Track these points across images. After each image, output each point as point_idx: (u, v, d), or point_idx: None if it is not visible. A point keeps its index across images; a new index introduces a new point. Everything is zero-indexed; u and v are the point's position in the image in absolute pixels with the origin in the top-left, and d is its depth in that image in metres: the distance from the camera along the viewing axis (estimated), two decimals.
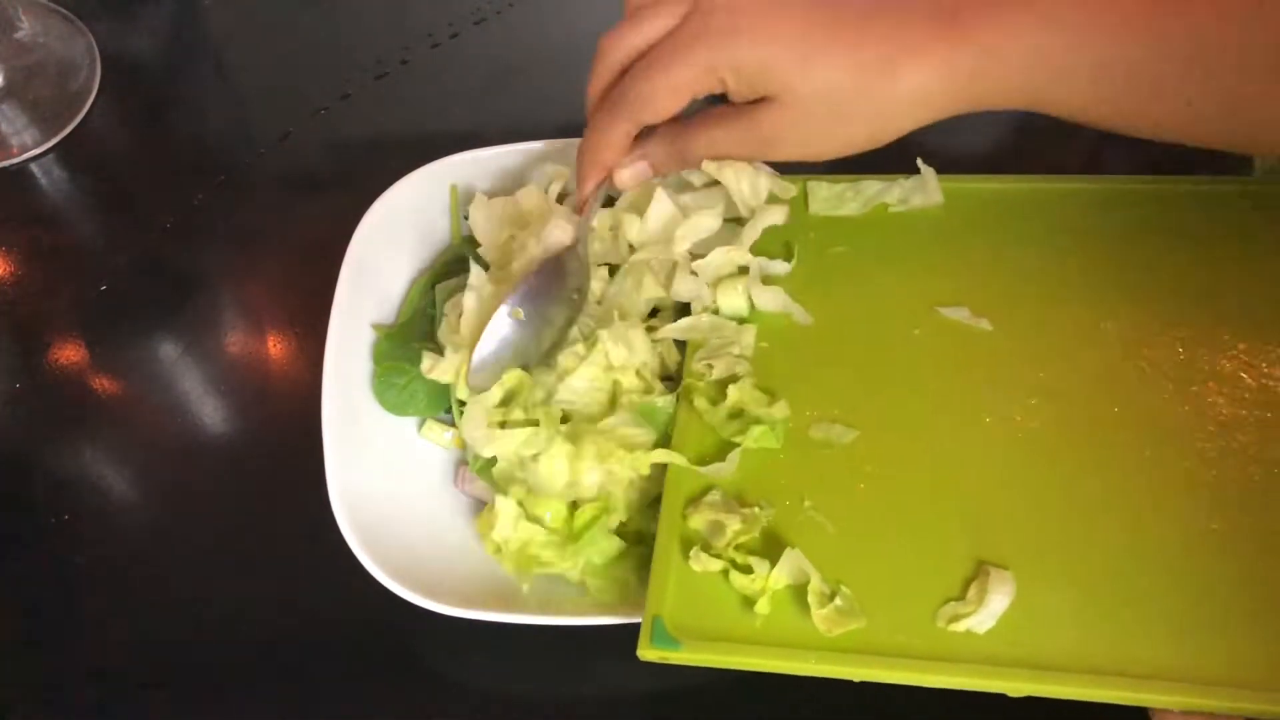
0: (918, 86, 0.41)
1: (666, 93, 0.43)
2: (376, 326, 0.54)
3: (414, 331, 0.55)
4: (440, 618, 0.46)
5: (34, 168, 0.65)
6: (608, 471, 0.48)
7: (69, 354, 0.59)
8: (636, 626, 0.44)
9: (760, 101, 0.43)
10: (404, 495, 0.52)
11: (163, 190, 0.64)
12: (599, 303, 0.53)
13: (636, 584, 0.48)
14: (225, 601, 0.52)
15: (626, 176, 0.48)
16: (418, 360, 0.53)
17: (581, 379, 0.50)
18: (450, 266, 0.57)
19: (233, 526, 0.54)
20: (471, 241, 0.58)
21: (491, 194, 0.57)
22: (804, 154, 0.45)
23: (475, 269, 0.51)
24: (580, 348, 0.51)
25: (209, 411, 0.57)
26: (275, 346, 0.60)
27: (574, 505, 0.49)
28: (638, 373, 0.50)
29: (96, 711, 0.49)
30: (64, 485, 0.55)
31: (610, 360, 0.50)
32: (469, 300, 0.51)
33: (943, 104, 0.42)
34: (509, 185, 0.58)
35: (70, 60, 0.68)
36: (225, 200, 0.64)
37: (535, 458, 0.48)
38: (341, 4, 0.73)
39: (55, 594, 0.52)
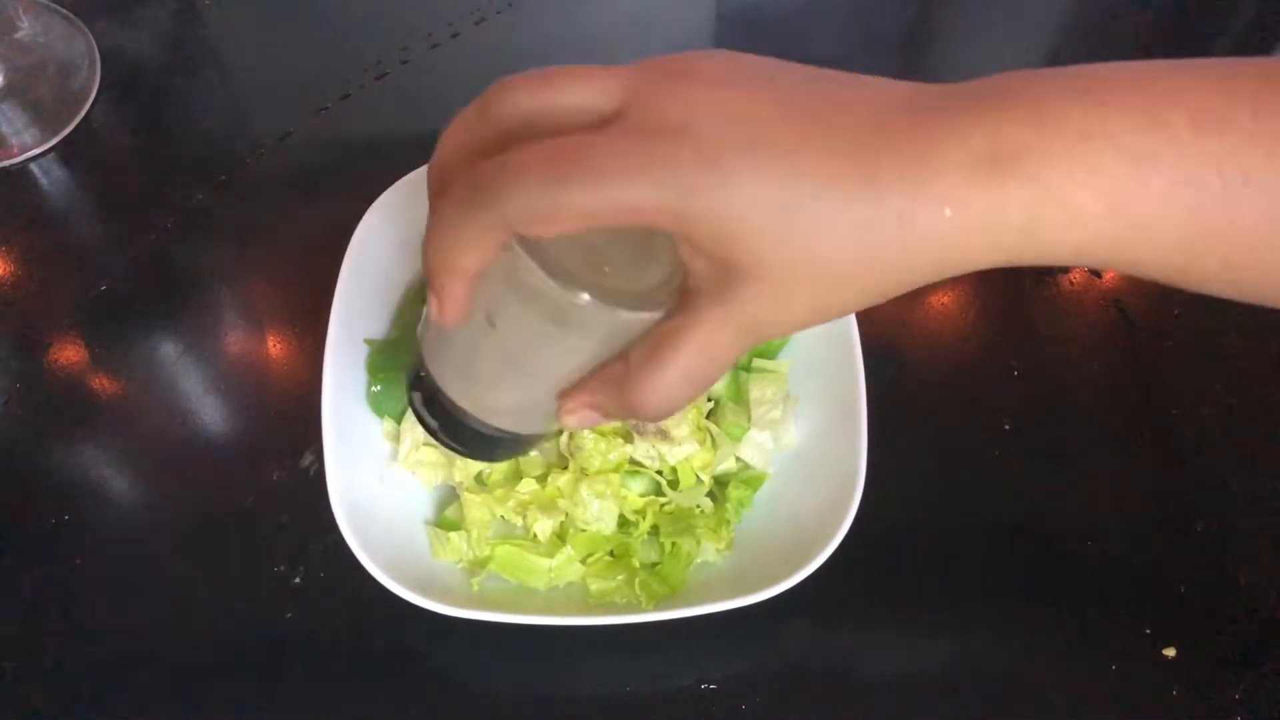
0: (943, 247, 0.29)
1: (575, 212, 0.28)
2: (369, 341, 0.54)
3: (406, 345, 0.54)
4: (440, 618, 0.46)
5: (34, 168, 0.65)
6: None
7: (69, 354, 0.59)
8: (637, 627, 0.44)
9: (720, 279, 0.30)
10: (404, 495, 0.52)
11: (163, 190, 0.64)
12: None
13: (635, 584, 0.48)
14: (225, 601, 0.52)
15: (576, 422, 0.35)
16: None
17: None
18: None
19: (232, 526, 0.54)
20: None
21: None
22: (791, 331, 0.32)
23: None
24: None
25: (209, 411, 0.57)
26: (275, 346, 0.60)
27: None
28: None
29: (96, 711, 0.49)
30: (64, 485, 0.55)
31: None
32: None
33: (967, 261, 0.30)
34: None
35: (70, 60, 0.68)
36: (225, 200, 0.64)
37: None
38: (342, 4, 0.73)
39: (55, 594, 0.52)
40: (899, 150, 0.28)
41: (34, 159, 0.65)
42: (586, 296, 0.29)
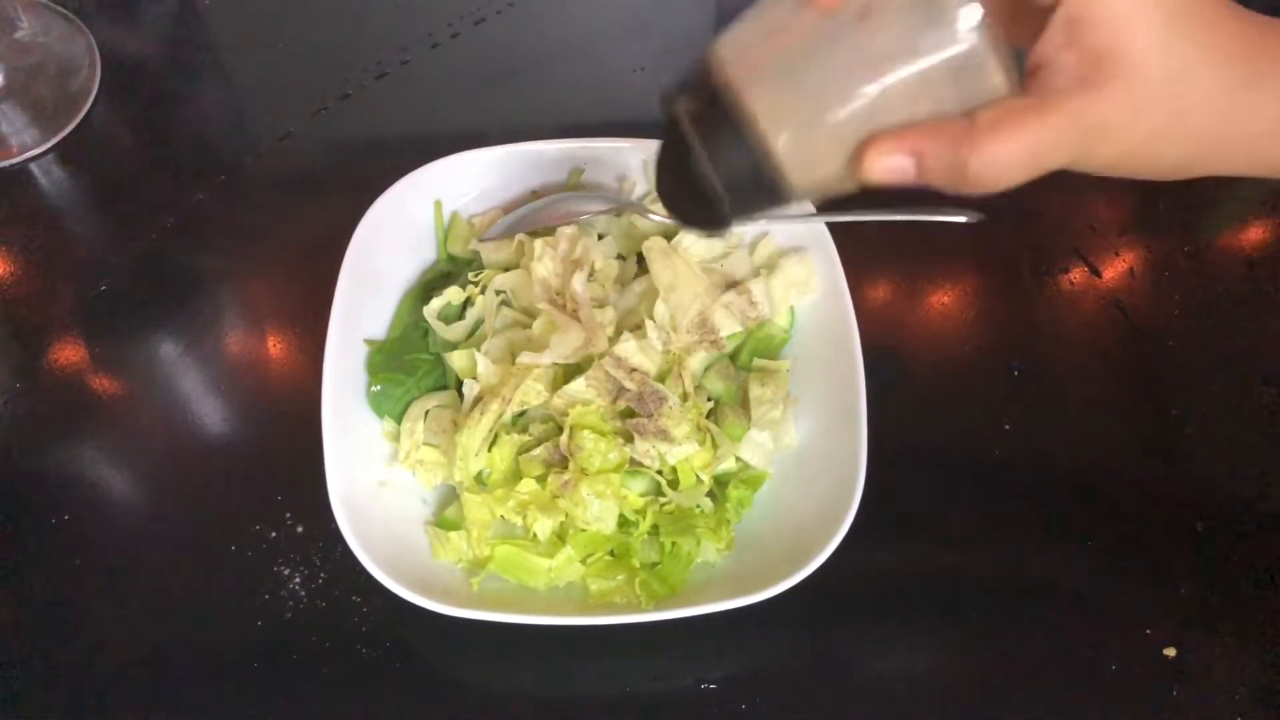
0: (1268, 134, 0.34)
1: None
2: (369, 341, 0.54)
3: (406, 345, 0.55)
4: (440, 618, 0.46)
5: (34, 168, 0.65)
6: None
7: (69, 354, 0.59)
8: (637, 627, 0.44)
9: (1084, 77, 0.32)
10: (404, 495, 0.52)
11: (163, 190, 0.64)
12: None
13: (635, 584, 0.48)
14: (225, 601, 0.52)
15: (881, 170, 0.33)
16: (411, 371, 0.54)
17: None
18: (435, 283, 0.57)
19: (232, 526, 0.54)
20: (455, 261, 0.58)
21: (491, 209, 0.58)
22: (1119, 156, 0.34)
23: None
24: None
25: (209, 411, 0.57)
26: (275, 346, 0.60)
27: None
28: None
29: (96, 710, 0.49)
30: (64, 485, 0.55)
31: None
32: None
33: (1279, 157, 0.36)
34: (507, 186, 0.59)
35: (70, 60, 0.68)
36: (225, 200, 0.64)
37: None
38: (341, 4, 0.73)
39: (55, 594, 0.52)
40: (1253, 40, 0.34)
41: (34, 159, 0.65)
42: (979, 16, 0.30)
